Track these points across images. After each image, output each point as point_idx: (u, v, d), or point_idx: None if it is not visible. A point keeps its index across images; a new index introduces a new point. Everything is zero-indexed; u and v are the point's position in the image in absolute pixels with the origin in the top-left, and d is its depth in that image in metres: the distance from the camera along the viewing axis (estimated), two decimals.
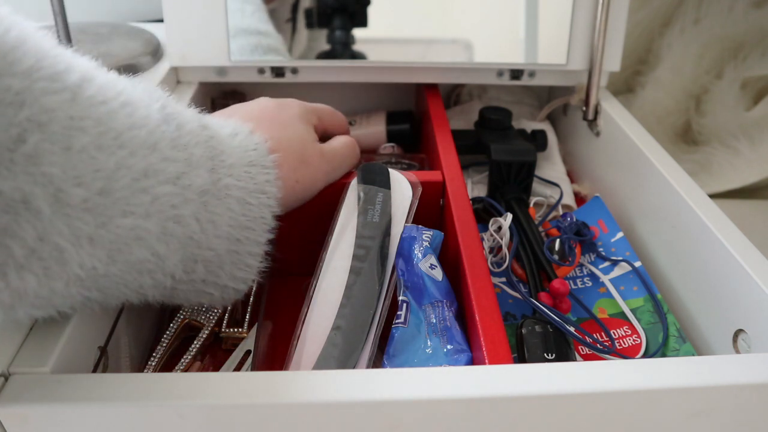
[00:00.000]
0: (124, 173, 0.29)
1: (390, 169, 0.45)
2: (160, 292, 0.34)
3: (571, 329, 0.40)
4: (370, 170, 0.45)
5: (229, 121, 0.39)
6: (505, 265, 0.47)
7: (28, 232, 0.26)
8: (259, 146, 0.38)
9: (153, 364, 0.41)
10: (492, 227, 0.50)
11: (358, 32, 0.61)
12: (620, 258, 0.49)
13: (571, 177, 0.64)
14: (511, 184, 0.55)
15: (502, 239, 0.49)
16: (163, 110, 0.33)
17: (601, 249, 0.51)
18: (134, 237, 0.30)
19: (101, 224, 0.28)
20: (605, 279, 0.48)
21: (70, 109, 0.27)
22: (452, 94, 0.74)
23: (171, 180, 0.31)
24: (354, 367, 0.35)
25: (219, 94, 0.68)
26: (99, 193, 0.28)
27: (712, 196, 0.45)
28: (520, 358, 0.39)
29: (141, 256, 0.30)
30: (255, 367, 0.37)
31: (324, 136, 0.47)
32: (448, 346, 0.36)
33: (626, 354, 0.43)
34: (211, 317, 0.45)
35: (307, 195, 0.43)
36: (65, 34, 0.60)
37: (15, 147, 0.25)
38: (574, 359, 0.39)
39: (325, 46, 0.61)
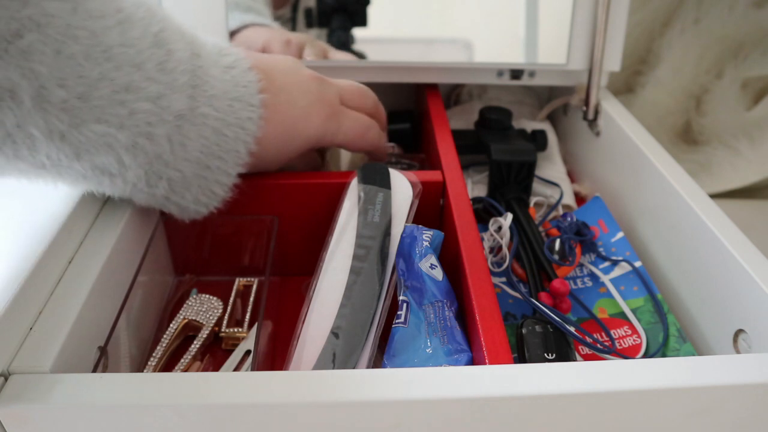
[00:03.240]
0: (106, 84, 0.31)
1: (390, 169, 0.45)
2: (119, 193, 0.37)
3: (572, 329, 0.40)
4: (370, 170, 0.45)
5: (233, 51, 0.41)
6: (505, 265, 0.47)
7: (8, 118, 0.29)
8: (251, 84, 0.40)
9: (153, 364, 0.41)
10: (492, 227, 0.50)
11: (358, 32, 0.61)
12: (620, 258, 0.49)
13: (571, 177, 0.64)
14: (511, 184, 0.55)
15: (502, 239, 0.49)
16: (159, 34, 0.35)
17: (601, 249, 0.51)
18: (104, 143, 0.33)
19: (75, 125, 0.31)
20: (605, 279, 0.48)
21: (69, 17, 0.30)
22: (452, 94, 0.74)
23: (151, 99, 0.34)
24: (354, 367, 0.35)
25: None
26: (78, 97, 0.30)
27: (712, 196, 0.45)
28: (520, 358, 0.39)
29: (106, 162, 0.33)
30: (255, 367, 0.37)
31: None
32: (448, 346, 0.36)
33: (626, 354, 0.43)
34: (211, 317, 0.45)
35: (298, 145, 0.44)
36: None
37: (12, 40, 0.28)
38: (574, 359, 0.39)
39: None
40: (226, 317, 0.45)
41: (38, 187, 0.38)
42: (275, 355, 0.44)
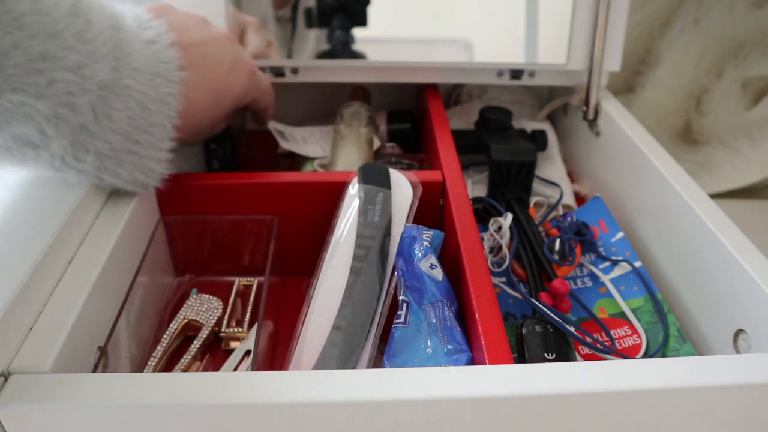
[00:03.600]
0: (20, 53, 0.31)
1: (390, 169, 0.45)
2: (46, 167, 0.36)
3: (572, 329, 0.40)
4: (371, 170, 0.45)
5: (154, 25, 0.41)
6: (505, 265, 0.47)
7: None
8: (171, 61, 0.40)
9: (153, 364, 0.41)
10: (492, 227, 0.50)
11: (358, 32, 0.61)
12: (620, 258, 0.49)
13: (571, 177, 0.64)
14: (511, 184, 0.55)
15: (502, 239, 0.49)
16: (76, 4, 0.34)
17: (601, 249, 0.51)
18: (22, 113, 0.32)
19: None
20: (605, 279, 0.48)
21: None
22: (452, 94, 0.74)
23: (70, 68, 0.33)
24: (354, 367, 0.35)
25: None
26: None
27: (712, 196, 0.45)
28: (520, 358, 0.39)
29: (27, 132, 0.33)
30: (255, 367, 0.37)
31: None
32: (448, 346, 0.36)
33: (626, 354, 0.43)
34: (211, 317, 0.45)
35: (228, 104, 0.46)
36: None
37: None
38: (574, 359, 0.39)
39: (325, 46, 0.61)
40: (226, 317, 0.45)
41: (38, 187, 0.39)
42: (275, 355, 0.44)
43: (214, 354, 0.44)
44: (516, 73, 0.61)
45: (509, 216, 0.50)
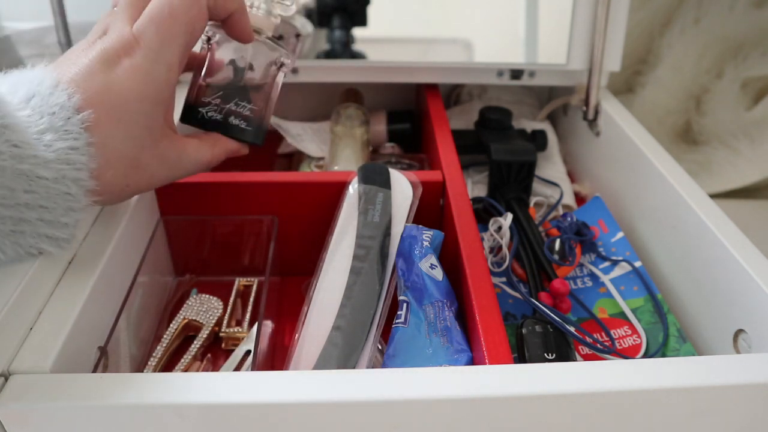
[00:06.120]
0: None
1: (390, 169, 0.45)
2: None
3: (572, 329, 0.40)
4: (371, 170, 0.45)
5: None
6: (505, 265, 0.47)
7: None
8: (81, 140, 0.31)
9: (153, 364, 0.41)
10: (492, 227, 0.50)
11: (358, 32, 0.61)
12: (620, 258, 0.49)
13: (571, 177, 0.64)
14: (511, 184, 0.55)
15: (502, 239, 0.49)
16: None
17: (601, 249, 0.51)
18: None
19: None
20: (605, 279, 0.48)
21: None
22: (452, 94, 0.74)
23: None
24: (354, 367, 0.35)
25: None
26: None
27: (712, 196, 0.45)
28: (520, 358, 0.39)
29: None
30: (255, 367, 0.37)
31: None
32: (448, 346, 0.36)
33: (626, 354, 0.43)
34: (211, 317, 0.45)
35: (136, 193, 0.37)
36: (65, 34, 0.60)
37: None
38: (574, 359, 0.39)
39: (325, 46, 0.61)
40: (226, 317, 0.45)
41: None
42: (275, 355, 0.44)
43: (214, 354, 0.44)
44: (516, 73, 0.61)
45: (509, 216, 0.50)
